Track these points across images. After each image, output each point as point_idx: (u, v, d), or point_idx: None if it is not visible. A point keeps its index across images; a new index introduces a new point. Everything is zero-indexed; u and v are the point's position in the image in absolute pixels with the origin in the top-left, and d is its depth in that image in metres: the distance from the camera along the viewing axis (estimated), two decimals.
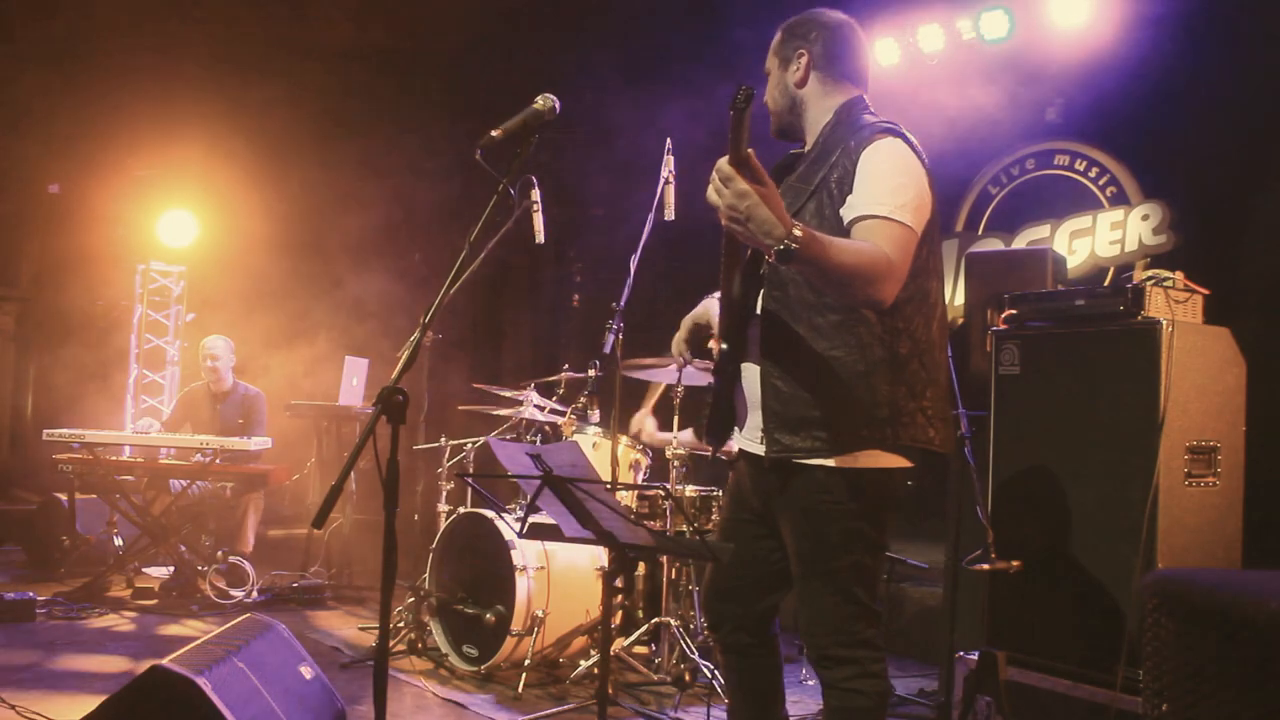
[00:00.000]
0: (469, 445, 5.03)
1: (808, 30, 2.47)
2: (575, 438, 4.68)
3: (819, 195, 2.31)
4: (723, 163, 1.96)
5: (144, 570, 6.17)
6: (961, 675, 3.61)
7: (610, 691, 3.94)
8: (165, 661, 2.78)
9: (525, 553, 4.28)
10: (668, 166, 3.81)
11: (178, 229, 8.83)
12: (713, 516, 4.70)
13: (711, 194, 1.99)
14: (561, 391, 5.20)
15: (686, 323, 2.57)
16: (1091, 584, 3.31)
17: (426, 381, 5.21)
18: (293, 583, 5.99)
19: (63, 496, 6.24)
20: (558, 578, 4.34)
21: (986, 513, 3.50)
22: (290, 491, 8.36)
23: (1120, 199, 5.87)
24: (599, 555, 4.44)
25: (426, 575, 4.63)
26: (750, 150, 1.95)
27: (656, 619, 4.40)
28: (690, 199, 3.79)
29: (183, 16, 7.83)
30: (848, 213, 2.24)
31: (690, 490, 4.68)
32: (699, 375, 4.53)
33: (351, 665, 4.48)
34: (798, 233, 1.98)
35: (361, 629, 5.21)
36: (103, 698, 2.83)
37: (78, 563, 6.08)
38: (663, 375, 4.70)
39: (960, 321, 5.15)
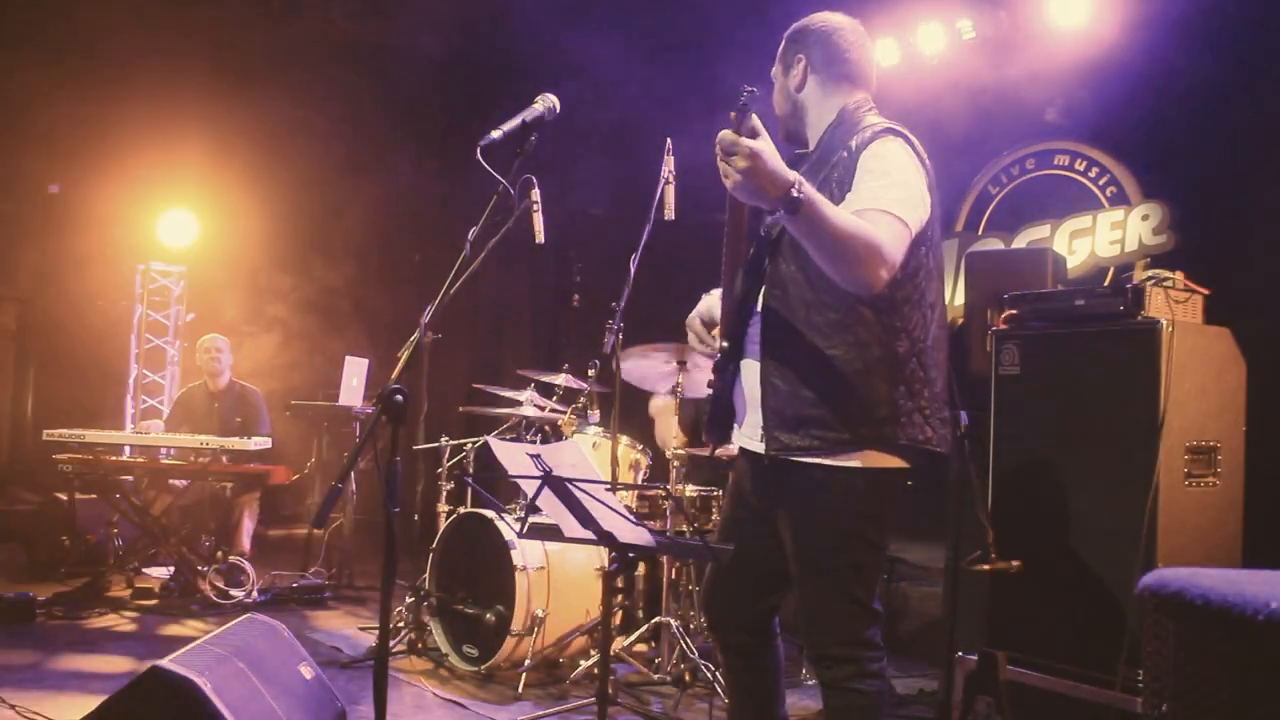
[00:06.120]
0: (469, 445, 5.03)
1: (807, 35, 2.50)
2: (575, 438, 4.68)
3: (821, 193, 2.31)
4: (725, 133, 1.95)
5: (144, 570, 6.17)
6: (961, 675, 3.61)
7: (610, 691, 3.94)
8: (165, 661, 2.77)
9: (525, 553, 4.28)
10: (668, 166, 3.81)
11: (178, 229, 8.83)
12: (713, 516, 4.70)
13: (720, 164, 1.98)
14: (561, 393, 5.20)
15: (698, 324, 2.55)
16: (1091, 584, 3.31)
17: (426, 381, 5.21)
18: (293, 583, 5.99)
19: (63, 496, 6.24)
20: (558, 578, 4.34)
21: (986, 513, 3.50)
22: (290, 491, 8.36)
23: (1120, 199, 5.87)
24: (599, 555, 4.44)
25: (426, 575, 4.64)
26: (755, 119, 1.96)
27: (656, 619, 4.40)
28: (690, 199, 3.80)
29: (183, 17, 7.83)
30: (845, 208, 2.24)
31: (690, 490, 4.68)
32: (697, 386, 4.52)
33: (351, 665, 4.48)
34: (801, 184, 1.98)
35: (361, 629, 5.21)
36: (103, 698, 2.83)
37: (78, 563, 6.07)
38: (657, 379, 4.69)
39: (960, 321, 5.15)
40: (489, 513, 4.46)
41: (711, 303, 2.53)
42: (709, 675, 4.06)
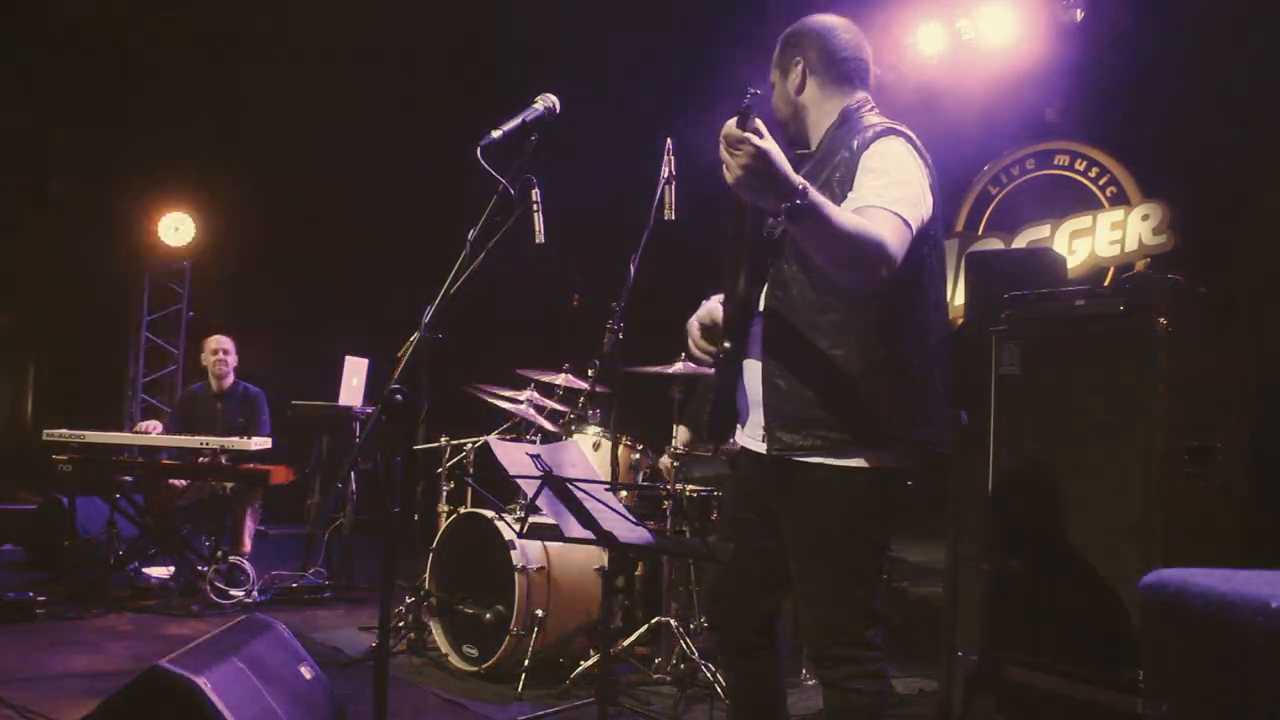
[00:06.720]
0: (469, 445, 5.03)
1: (802, 38, 2.51)
2: (575, 438, 4.68)
3: (822, 194, 2.31)
4: (730, 126, 1.94)
5: (144, 570, 6.17)
6: (961, 675, 3.61)
7: (610, 691, 3.94)
8: (165, 661, 2.78)
9: (525, 553, 4.28)
10: (668, 166, 3.81)
11: (178, 229, 8.84)
12: (713, 516, 4.70)
13: (723, 154, 1.97)
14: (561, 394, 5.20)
15: (696, 329, 2.54)
16: (1091, 584, 3.31)
17: (426, 381, 5.21)
18: (293, 583, 5.99)
19: (63, 496, 6.24)
20: (558, 578, 4.35)
21: (987, 513, 3.50)
22: (290, 491, 8.35)
23: (1120, 199, 5.88)
24: (599, 555, 4.44)
25: (426, 575, 4.64)
26: (759, 121, 1.95)
27: (656, 619, 4.40)
28: (691, 199, 3.80)
29: (183, 16, 7.83)
30: (846, 207, 2.24)
31: (690, 490, 4.68)
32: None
33: (351, 665, 4.48)
34: (806, 190, 1.98)
35: (361, 629, 5.21)
36: (103, 698, 2.83)
37: (78, 563, 6.07)
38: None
39: (960, 321, 5.15)
40: (489, 513, 4.46)
41: (712, 306, 2.53)
42: (709, 675, 4.06)
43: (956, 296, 5.87)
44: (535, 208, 3.07)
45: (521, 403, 4.95)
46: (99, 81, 7.91)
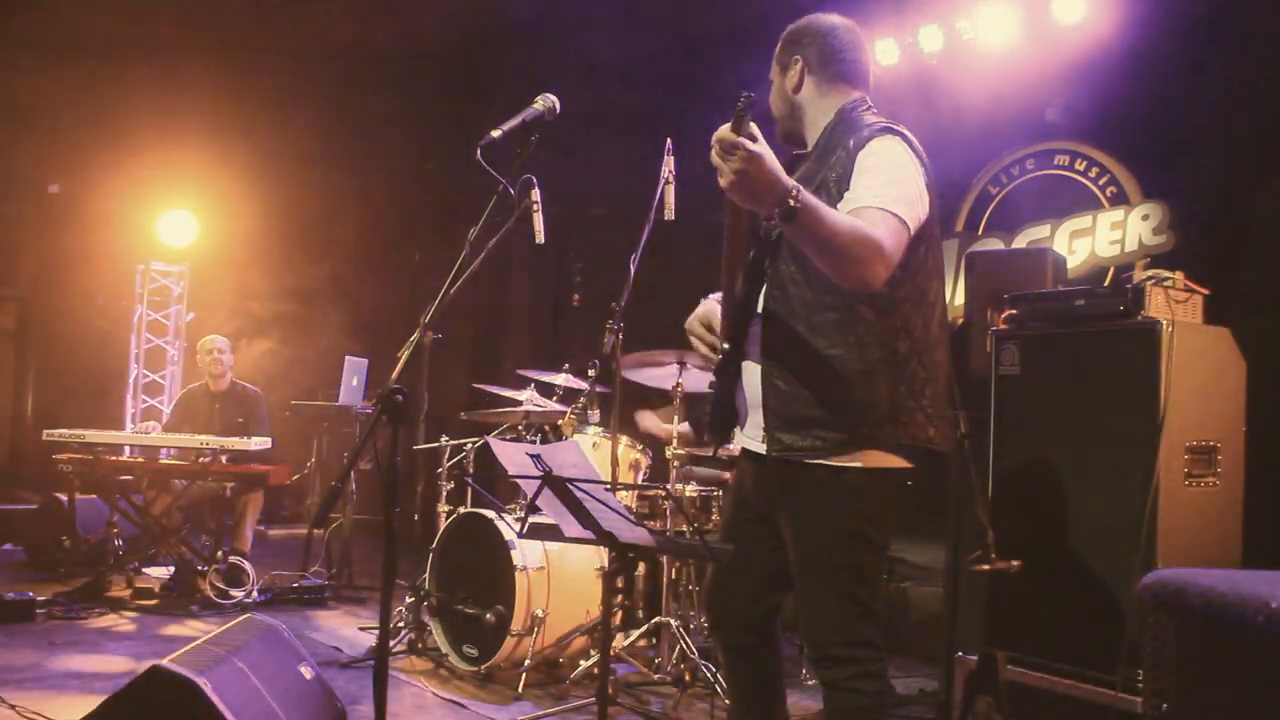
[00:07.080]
0: (469, 445, 5.03)
1: (802, 36, 2.50)
2: (575, 438, 4.68)
3: (819, 194, 2.31)
4: (724, 131, 1.93)
5: (144, 570, 6.16)
6: (961, 675, 3.61)
7: (610, 691, 3.94)
8: (165, 661, 2.78)
9: (525, 553, 4.28)
10: (668, 166, 3.81)
11: (178, 229, 8.84)
12: (713, 516, 4.70)
13: (715, 160, 1.97)
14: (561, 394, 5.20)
15: (698, 327, 2.54)
16: (1091, 584, 3.31)
17: (426, 381, 5.21)
18: (293, 583, 5.99)
19: (63, 496, 6.24)
20: (558, 578, 4.35)
21: (986, 513, 3.50)
22: (290, 491, 8.37)
23: (1120, 199, 5.87)
24: (599, 555, 4.44)
25: (426, 575, 4.64)
26: (753, 125, 1.95)
27: (656, 619, 4.40)
28: (691, 199, 3.80)
29: (182, 16, 7.83)
30: (843, 207, 2.24)
31: (690, 490, 4.68)
32: (699, 380, 4.53)
33: (351, 665, 4.48)
34: (799, 192, 1.98)
35: (361, 629, 5.21)
36: (103, 698, 2.83)
37: (78, 563, 6.08)
38: (661, 377, 4.69)
39: (960, 321, 5.15)
40: (489, 513, 4.46)
41: (711, 306, 2.53)
42: (709, 675, 4.06)
43: (956, 296, 5.86)
44: (535, 208, 3.08)
45: (521, 403, 4.95)
46: (98, 81, 7.90)
